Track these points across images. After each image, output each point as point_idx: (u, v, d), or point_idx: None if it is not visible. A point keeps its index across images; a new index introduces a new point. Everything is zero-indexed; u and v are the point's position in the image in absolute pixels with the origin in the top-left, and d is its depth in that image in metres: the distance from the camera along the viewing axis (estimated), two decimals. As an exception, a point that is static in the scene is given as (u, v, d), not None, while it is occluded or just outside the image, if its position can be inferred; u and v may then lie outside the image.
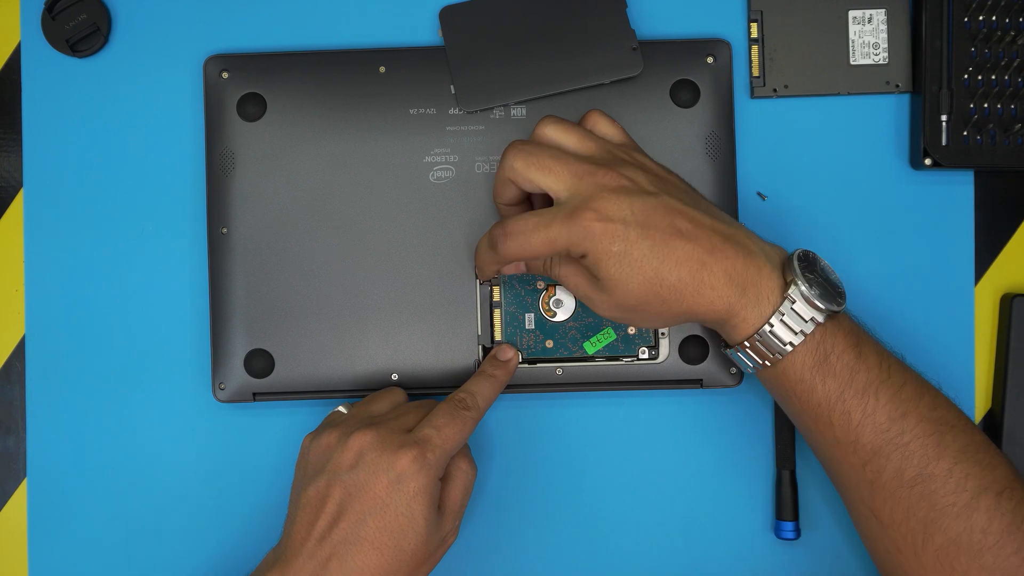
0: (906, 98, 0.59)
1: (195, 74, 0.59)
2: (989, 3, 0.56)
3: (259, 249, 0.57)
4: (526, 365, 0.57)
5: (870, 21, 0.58)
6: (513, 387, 0.57)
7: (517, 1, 0.57)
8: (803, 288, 0.48)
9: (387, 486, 0.49)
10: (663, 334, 0.57)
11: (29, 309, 0.59)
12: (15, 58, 0.59)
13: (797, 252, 0.50)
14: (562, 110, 0.57)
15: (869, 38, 0.58)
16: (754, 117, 0.59)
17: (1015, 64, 0.57)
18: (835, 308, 0.48)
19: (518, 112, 0.57)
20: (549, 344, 0.57)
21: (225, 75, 0.57)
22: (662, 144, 0.57)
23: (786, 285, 0.48)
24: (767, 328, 0.48)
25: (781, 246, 0.51)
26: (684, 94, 0.57)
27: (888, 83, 0.58)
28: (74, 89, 0.59)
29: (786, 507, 0.57)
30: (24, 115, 0.59)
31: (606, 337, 0.56)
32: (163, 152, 0.59)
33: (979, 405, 0.59)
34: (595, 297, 0.50)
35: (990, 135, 0.57)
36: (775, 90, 0.58)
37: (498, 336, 0.57)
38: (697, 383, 0.57)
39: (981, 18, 0.57)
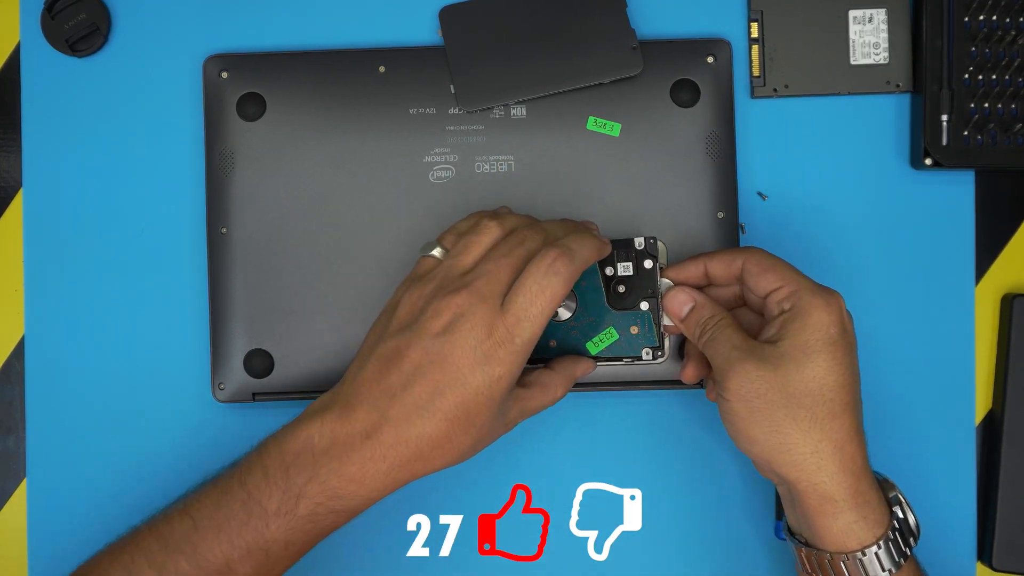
0: (906, 98, 0.59)
1: (195, 74, 0.59)
2: (989, 3, 0.56)
3: (259, 249, 0.57)
4: (528, 367, 0.56)
5: (870, 21, 0.58)
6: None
7: (517, 1, 0.57)
8: (912, 517, 0.48)
9: (472, 364, 0.46)
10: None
11: (29, 309, 0.59)
12: (15, 58, 0.59)
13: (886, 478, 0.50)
14: (562, 110, 0.57)
15: (869, 38, 0.58)
16: (754, 117, 0.59)
17: (1015, 64, 0.57)
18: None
19: (518, 112, 0.57)
20: (552, 344, 0.56)
21: (225, 75, 0.57)
22: (662, 144, 0.57)
23: (890, 504, 0.49)
24: (873, 551, 0.47)
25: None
26: (684, 94, 0.57)
27: (888, 83, 0.58)
28: (74, 89, 0.59)
29: (786, 507, 0.57)
30: (24, 115, 0.59)
31: (608, 337, 0.55)
32: (163, 152, 0.59)
33: (979, 405, 0.59)
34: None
35: (990, 135, 0.57)
36: (775, 90, 0.58)
37: None
38: (697, 383, 0.57)
39: (981, 18, 0.57)
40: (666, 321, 0.53)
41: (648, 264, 0.54)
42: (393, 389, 0.46)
